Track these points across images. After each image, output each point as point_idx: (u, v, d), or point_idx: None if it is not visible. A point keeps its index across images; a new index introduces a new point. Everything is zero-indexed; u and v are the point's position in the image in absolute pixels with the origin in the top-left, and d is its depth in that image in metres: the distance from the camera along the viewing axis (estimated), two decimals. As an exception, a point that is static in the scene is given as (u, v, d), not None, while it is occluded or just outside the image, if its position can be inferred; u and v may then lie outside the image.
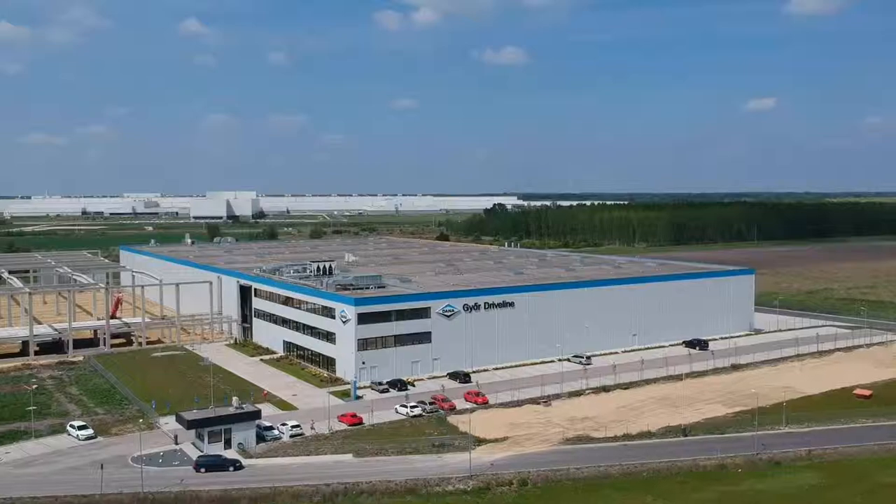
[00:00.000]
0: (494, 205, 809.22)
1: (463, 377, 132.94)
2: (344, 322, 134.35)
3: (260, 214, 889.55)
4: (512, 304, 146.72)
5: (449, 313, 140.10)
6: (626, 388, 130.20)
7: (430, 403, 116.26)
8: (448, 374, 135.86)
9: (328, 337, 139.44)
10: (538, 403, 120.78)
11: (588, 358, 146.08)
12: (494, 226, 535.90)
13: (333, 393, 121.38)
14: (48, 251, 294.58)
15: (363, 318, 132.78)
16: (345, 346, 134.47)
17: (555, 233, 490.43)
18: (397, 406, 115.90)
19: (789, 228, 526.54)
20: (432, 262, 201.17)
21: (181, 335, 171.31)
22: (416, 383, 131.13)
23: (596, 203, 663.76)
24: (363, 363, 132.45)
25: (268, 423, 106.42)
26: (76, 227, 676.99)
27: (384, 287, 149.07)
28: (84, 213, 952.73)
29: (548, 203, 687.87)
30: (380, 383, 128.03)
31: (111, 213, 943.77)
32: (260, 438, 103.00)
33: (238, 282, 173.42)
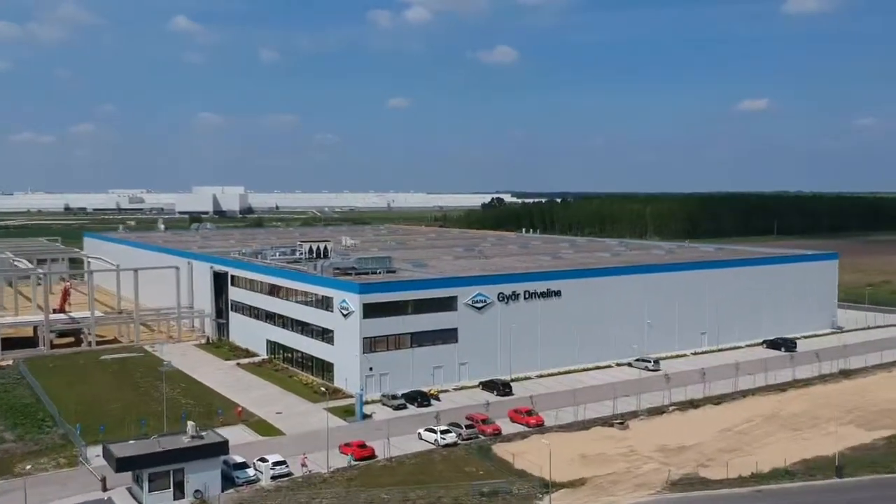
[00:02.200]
0: (493, 199, 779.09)
1: (502, 388, 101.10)
2: (345, 315, 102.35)
3: (248, 210, 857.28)
4: (558, 294, 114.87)
5: (480, 304, 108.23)
6: (717, 403, 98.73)
7: (468, 426, 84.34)
8: (481, 383, 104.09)
9: (324, 335, 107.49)
10: (610, 425, 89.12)
11: (655, 362, 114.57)
12: (495, 220, 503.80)
13: (332, 410, 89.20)
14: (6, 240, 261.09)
15: (370, 310, 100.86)
16: (346, 346, 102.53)
17: (562, 226, 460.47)
18: (421, 430, 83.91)
19: (806, 223, 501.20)
20: (447, 247, 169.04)
21: (144, 333, 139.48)
22: (440, 396, 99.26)
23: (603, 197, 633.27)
24: (370, 369, 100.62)
25: (240, 459, 74.17)
26: (53, 222, 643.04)
27: (395, 272, 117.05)
28: (66, 208, 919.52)
29: (542, 200, 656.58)
30: (393, 396, 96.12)
31: (94, 209, 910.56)
32: (228, 482, 70.93)
33: (212, 268, 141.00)
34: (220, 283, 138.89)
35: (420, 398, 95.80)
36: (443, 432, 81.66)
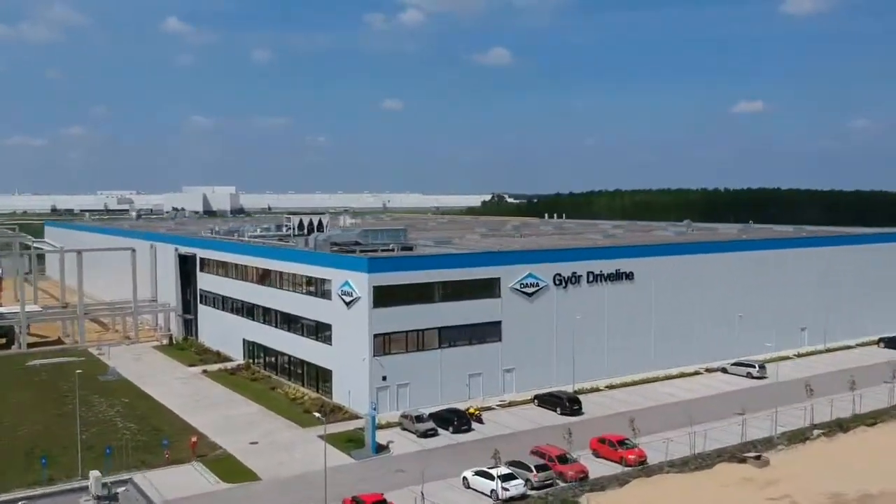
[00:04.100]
0: (493, 195, 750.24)
1: (568, 404, 72.37)
2: (348, 304, 73.68)
3: (239, 210, 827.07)
4: (630, 277, 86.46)
5: (531, 289, 79.71)
6: (871, 424, 70.43)
7: (539, 467, 55.50)
8: (536, 397, 75.45)
9: (319, 332, 78.89)
10: (742, 461, 60.56)
11: (761, 366, 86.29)
12: (499, 216, 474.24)
13: (331, 439, 60.23)
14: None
15: (383, 296, 72.15)
16: (349, 346, 73.91)
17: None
18: (469, 474, 55.07)
19: (825, 217, 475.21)
20: (467, 229, 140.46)
21: (98, 332, 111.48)
22: (483, 415, 70.51)
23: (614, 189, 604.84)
24: (384, 378, 72.01)
25: (179, 531, 45.45)
26: (36, 222, 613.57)
27: (412, 249, 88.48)
28: (53, 209, 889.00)
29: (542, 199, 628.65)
30: (419, 417, 67.21)
31: (82, 210, 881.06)
32: (156, 573, 42.16)
33: (177, 250, 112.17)
34: (188, 269, 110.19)
35: (457, 420, 67.09)
36: (504, 478, 52.82)
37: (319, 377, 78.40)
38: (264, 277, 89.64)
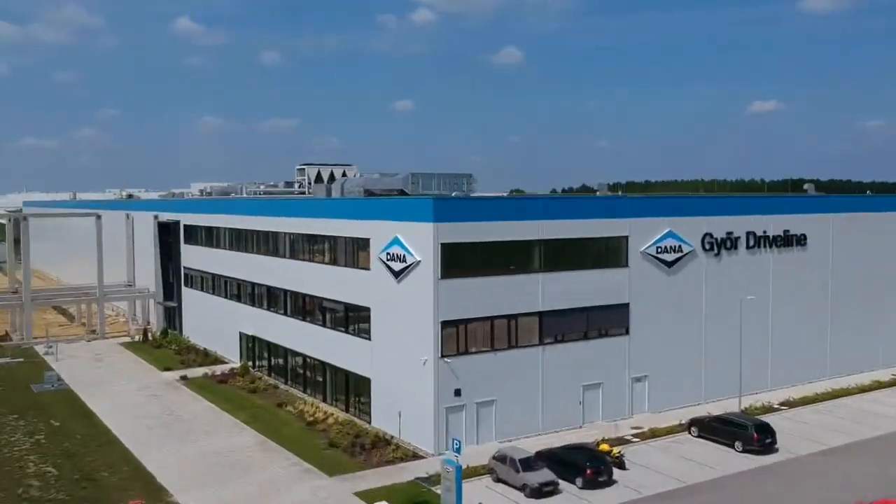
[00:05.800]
0: (511, 191, 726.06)
1: (754, 434, 44.79)
2: (398, 273, 46.55)
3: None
4: (802, 242, 59.08)
5: (671, 255, 52.49)
6: None
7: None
8: (693, 422, 48.08)
9: (350, 320, 51.87)
10: None
11: None
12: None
13: (375, 498, 33.01)
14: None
15: (455, 261, 44.88)
16: (400, 340, 46.83)
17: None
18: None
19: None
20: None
21: (62, 326, 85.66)
22: (621, 452, 43.13)
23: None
24: (457, 394, 44.83)
25: None
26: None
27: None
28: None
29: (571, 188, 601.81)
30: (525, 462, 39.53)
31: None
32: None
33: (156, 217, 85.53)
34: (170, 241, 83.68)
35: (591, 465, 39.68)
36: None
37: (351, 389, 51.47)
38: (269, 243, 62.83)
